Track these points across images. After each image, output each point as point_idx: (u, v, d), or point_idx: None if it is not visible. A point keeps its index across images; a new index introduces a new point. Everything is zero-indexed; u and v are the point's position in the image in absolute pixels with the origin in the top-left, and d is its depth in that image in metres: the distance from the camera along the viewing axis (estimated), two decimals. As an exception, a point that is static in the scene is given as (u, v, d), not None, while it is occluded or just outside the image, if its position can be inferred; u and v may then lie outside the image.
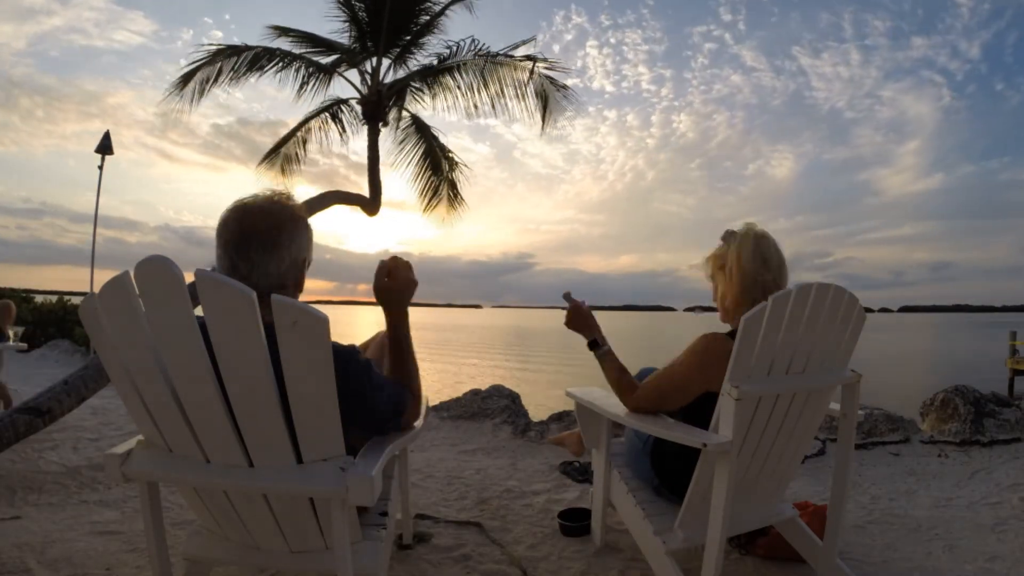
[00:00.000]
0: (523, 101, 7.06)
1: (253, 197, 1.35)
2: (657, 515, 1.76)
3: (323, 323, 1.11)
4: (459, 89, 7.23)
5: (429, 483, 2.87)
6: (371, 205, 6.98)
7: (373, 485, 1.15)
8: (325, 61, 7.31)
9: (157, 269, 1.09)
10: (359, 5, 6.95)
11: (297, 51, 7.14)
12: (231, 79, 6.75)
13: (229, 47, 6.73)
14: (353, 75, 7.34)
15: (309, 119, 7.85)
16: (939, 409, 3.88)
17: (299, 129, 7.93)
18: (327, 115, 7.83)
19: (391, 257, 1.50)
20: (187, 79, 6.71)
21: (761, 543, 2.04)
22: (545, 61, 6.90)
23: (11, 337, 5.17)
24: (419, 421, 1.54)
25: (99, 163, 12.09)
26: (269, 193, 1.37)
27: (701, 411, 1.65)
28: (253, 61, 6.71)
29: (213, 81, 6.74)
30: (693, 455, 1.60)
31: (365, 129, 7.26)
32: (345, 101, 7.72)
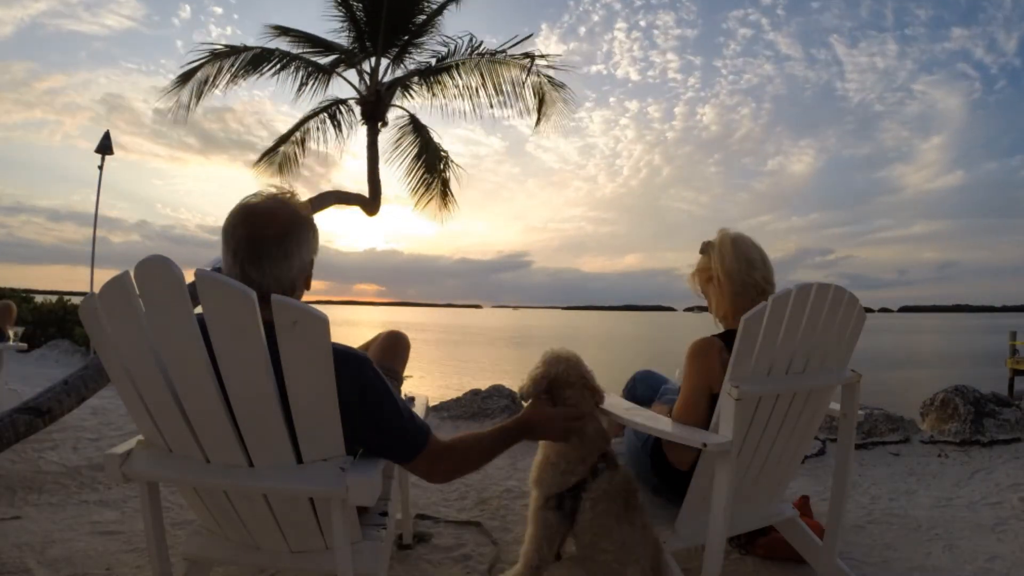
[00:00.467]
0: (521, 99, 7.09)
1: (257, 197, 1.31)
2: (657, 515, 1.76)
3: (323, 323, 1.11)
4: (457, 88, 7.25)
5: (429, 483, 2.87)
6: (371, 205, 6.97)
7: (373, 485, 1.15)
8: (324, 61, 7.32)
9: (157, 269, 1.09)
10: (357, 5, 6.95)
11: (296, 51, 7.14)
12: (230, 80, 6.75)
13: (229, 47, 6.72)
14: (352, 75, 7.36)
15: (307, 119, 7.85)
16: (939, 409, 3.88)
17: (297, 129, 7.93)
18: (325, 115, 7.83)
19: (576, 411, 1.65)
20: (186, 78, 6.69)
21: (761, 543, 2.04)
22: (543, 58, 6.92)
23: (11, 337, 5.18)
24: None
25: (99, 163, 12.11)
26: (274, 191, 1.33)
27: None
28: (253, 62, 6.71)
29: (212, 82, 6.73)
30: (693, 455, 1.60)
31: (349, 130, 7.33)
32: (344, 101, 7.73)
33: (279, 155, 8.00)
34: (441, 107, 7.48)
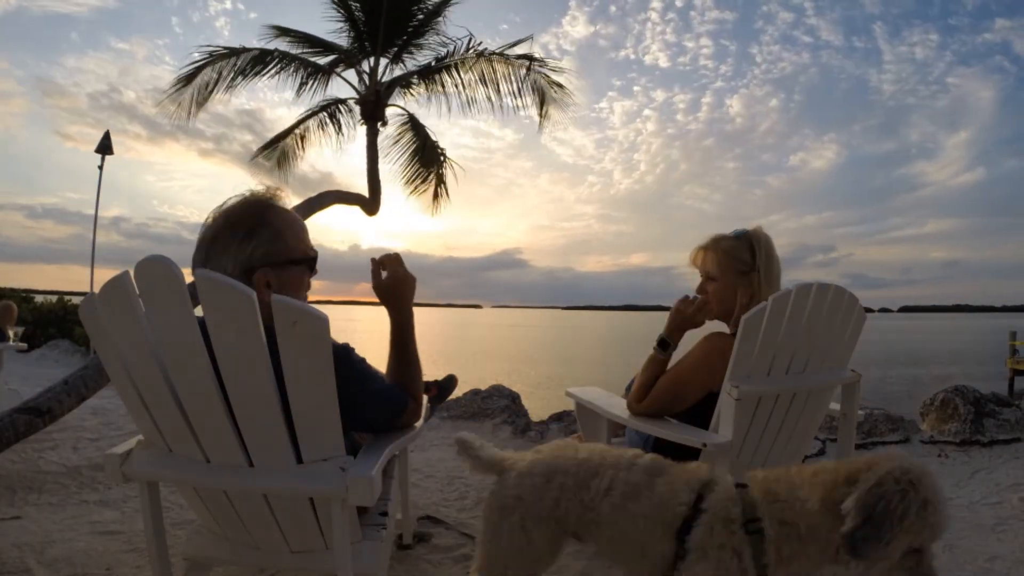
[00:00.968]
0: (520, 99, 7.10)
1: (234, 198, 1.33)
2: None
3: (323, 323, 1.11)
4: (456, 88, 7.26)
5: (429, 483, 2.86)
6: (370, 205, 6.98)
7: (373, 485, 1.15)
8: (323, 62, 7.32)
9: (157, 269, 1.09)
10: (355, 5, 6.95)
11: (295, 52, 7.14)
12: (230, 82, 6.75)
13: (228, 49, 6.72)
14: (351, 75, 7.36)
15: (306, 118, 7.85)
16: (939, 409, 3.88)
17: (297, 127, 7.93)
18: (325, 114, 7.84)
19: (383, 255, 1.48)
20: (188, 81, 6.69)
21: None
22: (541, 61, 6.94)
23: (11, 337, 5.18)
24: (419, 422, 1.53)
25: (99, 163, 12.12)
26: (259, 190, 1.35)
27: (702, 411, 1.65)
28: (252, 63, 6.71)
29: (213, 86, 6.74)
30: (693, 454, 1.60)
31: (349, 130, 7.33)
32: (343, 101, 7.73)
33: (277, 151, 8.01)
34: (448, 100, 7.50)
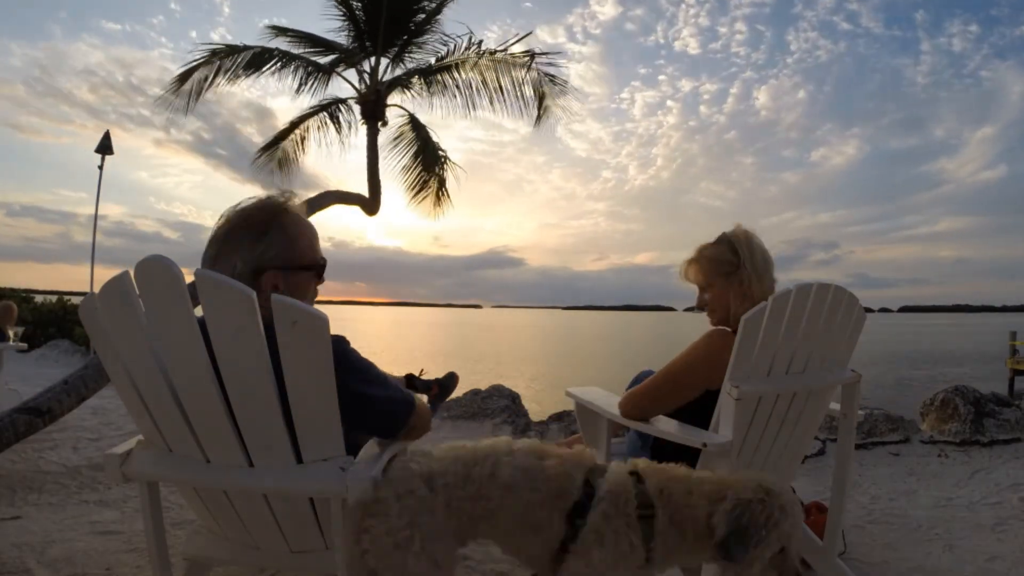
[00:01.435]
0: (520, 97, 7.09)
1: (249, 200, 1.34)
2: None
3: (323, 323, 1.11)
4: (457, 87, 7.25)
5: (429, 483, 2.86)
6: (371, 205, 6.97)
7: (373, 485, 1.15)
8: (323, 61, 7.32)
9: (157, 269, 1.09)
10: (356, 4, 6.95)
11: (295, 51, 7.14)
12: (229, 79, 6.76)
13: (228, 47, 6.73)
14: (351, 75, 7.36)
15: (306, 118, 7.85)
16: (939, 409, 3.88)
17: (296, 127, 7.93)
18: (325, 114, 7.83)
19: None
20: (184, 78, 6.69)
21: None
22: (543, 55, 6.93)
23: (11, 337, 5.18)
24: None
25: (99, 163, 12.12)
26: (272, 193, 1.35)
27: (702, 411, 1.65)
28: (252, 62, 6.71)
29: (211, 81, 6.74)
30: (693, 454, 1.60)
31: (350, 129, 7.33)
32: (343, 101, 7.73)
33: (278, 152, 8.00)
34: (449, 100, 7.49)
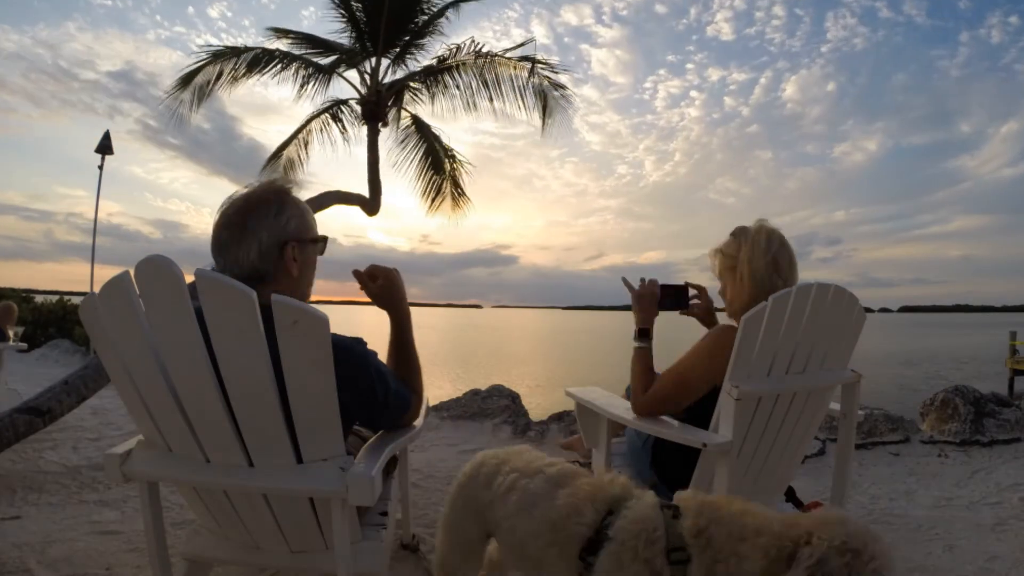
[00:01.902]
0: (522, 101, 7.10)
1: (244, 188, 1.33)
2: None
3: (323, 323, 1.11)
4: (458, 89, 7.25)
5: (429, 483, 2.86)
6: (371, 205, 6.98)
7: (373, 485, 1.15)
8: (324, 62, 7.32)
9: (157, 269, 1.09)
10: (357, 6, 6.96)
11: (297, 52, 7.15)
12: (230, 81, 6.77)
13: (229, 48, 6.74)
14: (352, 75, 7.36)
15: (309, 121, 7.85)
16: (939, 409, 3.88)
17: (300, 131, 7.94)
18: (328, 116, 7.84)
19: (369, 267, 1.50)
20: (187, 80, 6.70)
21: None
22: (543, 63, 6.93)
23: (11, 337, 5.19)
24: (419, 420, 1.54)
25: (99, 163, 12.13)
26: (256, 183, 1.34)
27: (702, 410, 1.65)
28: (253, 63, 6.72)
29: (213, 83, 6.75)
30: (693, 454, 1.60)
31: (353, 130, 7.32)
32: (345, 102, 7.73)
33: (282, 159, 8.01)
34: (452, 101, 7.48)
